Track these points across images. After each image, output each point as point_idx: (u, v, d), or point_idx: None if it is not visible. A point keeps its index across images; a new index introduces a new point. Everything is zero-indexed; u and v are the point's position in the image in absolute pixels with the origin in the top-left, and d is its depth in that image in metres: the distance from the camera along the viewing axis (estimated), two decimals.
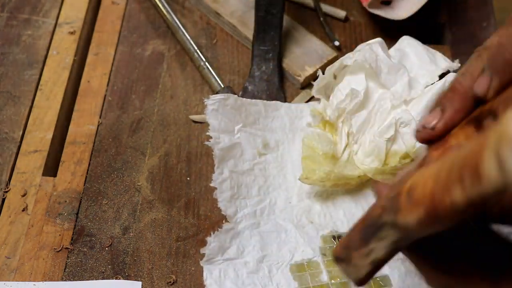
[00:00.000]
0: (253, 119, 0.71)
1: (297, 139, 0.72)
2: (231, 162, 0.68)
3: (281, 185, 0.69)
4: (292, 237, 0.66)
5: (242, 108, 0.70)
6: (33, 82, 0.77)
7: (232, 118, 0.69)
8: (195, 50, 0.78)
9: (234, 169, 0.67)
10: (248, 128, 0.70)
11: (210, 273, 0.63)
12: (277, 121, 0.72)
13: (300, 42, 0.79)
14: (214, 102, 0.68)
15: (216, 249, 0.64)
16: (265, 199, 0.68)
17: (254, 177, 0.68)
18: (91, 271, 0.64)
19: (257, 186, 0.68)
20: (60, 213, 0.67)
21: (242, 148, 0.69)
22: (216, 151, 0.67)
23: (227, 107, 0.69)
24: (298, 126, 0.72)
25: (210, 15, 0.83)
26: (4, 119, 0.74)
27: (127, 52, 0.80)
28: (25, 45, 0.80)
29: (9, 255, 0.65)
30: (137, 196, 0.69)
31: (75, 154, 0.71)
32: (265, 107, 0.72)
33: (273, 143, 0.71)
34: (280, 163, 0.70)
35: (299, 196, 0.68)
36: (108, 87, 0.77)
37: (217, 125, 0.68)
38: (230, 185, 0.66)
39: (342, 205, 0.68)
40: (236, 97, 0.70)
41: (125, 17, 0.83)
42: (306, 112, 0.73)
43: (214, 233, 0.64)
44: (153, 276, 0.64)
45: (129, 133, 0.73)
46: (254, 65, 0.77)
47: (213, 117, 0.68)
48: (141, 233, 0.66)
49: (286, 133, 0.72)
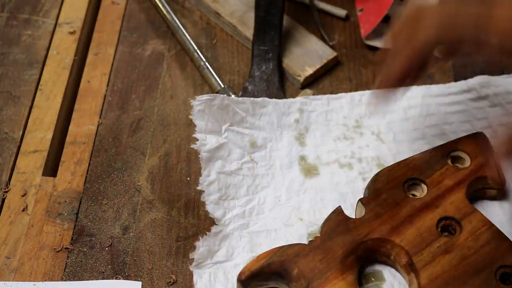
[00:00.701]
0: (240, 118, 0.71)
1: (285, 136, 0.72)
2: (219, 163, 0.68)
3: (269, 183, 0.69)
4: (281, 236, 0.66)
5: (229, 107, 0.70)
6: (33, 82, 0.77)
7: (219, 118, 0.69)
8: (195, 50, 0.78)
9: (222, 170, 0.67)
10: (235, 127, 0.70)
11: (200, 278, 0.63)
12: (264, 118, 0.72)
13: (300, 42, 0.79)
14: (200, 103, 0.68)
15: (205, 253, 0.63)
16: (253, 198, 0.68)
17: (243, 177, 0.68)
18: (91, 271, 0.64)
19: (246, 186, 0.68)
20: (60, 213, 0.67)
21: (230, 148, 0.69)
22: (203, 154, 0.67)
23: (214, 107, 0.69)
24: (286, 123, 0.72)
25: (210, 15, 0.83)
26: (4, 119, 0.74)
27: (127, 52, 0.80)
28: (25, 45, 0.80)
29: (9, 255, 0.65)
30: (137, 196, 0.69)
31: (75, 154, 0.71)
32: (253, 104, 0.72)
33: (261, 141, 0.71)
34: (268, 161, 0.70)
35: (288, 194, 0.68)
36: (108, 87, 0.77)
37: (203, 126, 0.68)
38: (217, 187, 0.66)
39: (330, 202, 0.68)
40: (223, 96, 0.70)
41: (125, 17, 0.83)
42: (294, 108, 0.73)
43: (203, 237, 0.64)
44: (153, 276, 0.64)
45: (129, 133, 0.73)
46: (254, 65, 0.77)
47: (199, 118, 0.68)
48: (141, 233, 0.66)
49: (274, 130, 0.72)
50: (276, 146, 0.71)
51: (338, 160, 0.71)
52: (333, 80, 0.78)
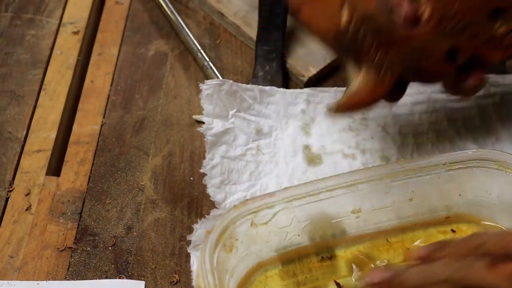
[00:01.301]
0: (248, 105, 0.71)
1: (290, 125, 0.72)
2: (223, 147, 0.68)
3: (272, 170, 0.69)
4: None
5: (237, 93, 0.71)
6: (37, 82, 0.77)
7: (227, 103, 0.70)
8: (199, 50, 0.78)
9: (226, 155, 0.68)
10: (242, 113, 0.71)
11: (197, 259, 0.62)
12: (271, 107, 0.72)
13: (303, 42, 0.79)
14: (209, 87, 0.69)
15: (203, 235, 0.63)
16: (256, 184, 0.68)
17: (246, 163, 0.69)
18: (95, 271, 0.64)
19: (249, 172, 0.68)
20: (64, 213, 0.67)
21: (235, 134, 0.69)
22: (208, 137, 0.67)
23: (222, 92, 0.70)
24: (292, 113, 0.73)
25: (214, 15, 0.83)
26: (8, 118, 0.74)
27: (130, 52, 0.80)
28: (28, 45, 0.80)
29: (12, 254, 0.65)
30: (140, 196, 0.69)
31: (79, 154, 0.72)
32: (260, 92, 0.72)
33: (267, 129, 0.71)
34: (273, 149, 0.71)
35: (290, 181, 0.69)
36: (111, 87, 0.77)
37: (211, 110, 0.69)
38: (220, 171, 0.67)
39: None
40: (232, 82, 0.70)
41: (129, 17, 0.83)
42: (301, 98, 0.73)
43: (201, 219, 0.64)
44: (156, 276, 0.64)
45: (133, 133, 0.73)
46: (257, 65, 0.77)
47: (207, 101, 0.69)
48: (144, 233, 0.66)
49: (280, 119, 0.72)
50: (281, 135, 0.72)
51: (342, 150, 0.71)
52: (337, 80, 0.78)
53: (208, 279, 0.55)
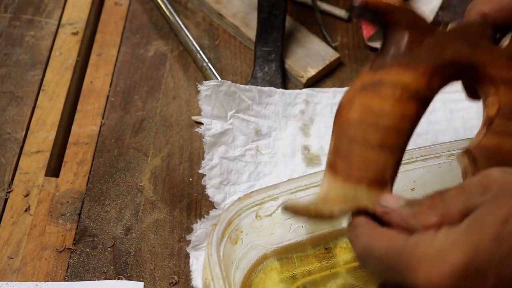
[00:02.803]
0: (247, 105, 0.71)
1: (289, 126, 0.72)
2: (222, 148, 0.68)
3: (271, 171, 0.69)
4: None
5: (236, 94, 0.71)
6: (36, 82, 0.77)
7: (225, 104, 0.70)
8: (198, 51, 0.78)
9: (225, 155, 0.68)
10: (241, 114, 0.71)
11: (196, 260, 0.63)
12: (270, 108, 0.73)
13: (302, 43, 0.79)
14: (207, 88, 0.69)
15: (202, 235, 0.64)
16: (255, 185, 0.68)
17: (245, 163, 0.69)
18: (94, 272, 0.64)
19: (248, 172, 0.69)
20: (63, 214, 0.67)
21: (234, 134, 0.70)
22: (207, 138, 0.68)
23: (221, 93, 0.70)
24: (291, 113, 0.73)
25: (213, 16, 0.83)
26: (7, 119, 0.74)
27: (129, 53, 0.80)
28: (28, 45, 0.80)
29: (11, 255, 0.65)
30: (140, 197, 0.69)
31: (78, 155, 0.72)
32: (259, 93, 0.72)
33: (266, 129, 0.72)
34: (272, 150, 0.71)
35: None
36: (110, 88, 0.77)
37: (209, 111, 0.69)
38: (219, 171, 0.67)
39: None
40: (230, 83, 0.71)
41: (128, 18, 0.83)
42: (299, 99, 0.74)
43: (201, 219, 0.64)
44: (155, 277, 0.64)
45: (132, 134, 0.73)
46: (256, 66, 0.77)
47: (206, 102, 0.69)
48: (143, 234, 0.66)
49: (279, 120, 0.72)
50: (280, 135, 0.72)
51: None
52: (336, 81, 0.78)
53: (215, 271, 0.55)
